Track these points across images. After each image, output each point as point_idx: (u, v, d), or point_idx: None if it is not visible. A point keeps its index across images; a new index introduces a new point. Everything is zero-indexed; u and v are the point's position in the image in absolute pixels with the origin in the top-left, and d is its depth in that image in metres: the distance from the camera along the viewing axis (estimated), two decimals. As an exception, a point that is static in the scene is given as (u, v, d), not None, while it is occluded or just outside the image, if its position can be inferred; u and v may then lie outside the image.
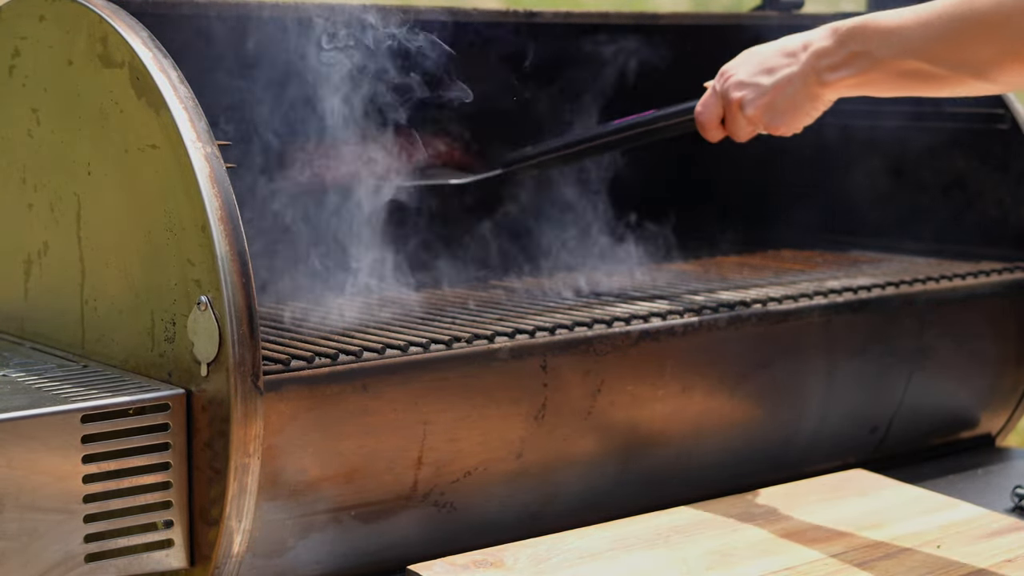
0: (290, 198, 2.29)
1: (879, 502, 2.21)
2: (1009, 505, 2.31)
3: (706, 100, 2.16)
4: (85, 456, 1.71)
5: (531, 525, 2.07)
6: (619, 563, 1.94)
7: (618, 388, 2.11)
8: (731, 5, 7.56)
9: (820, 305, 2.33)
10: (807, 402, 2.35)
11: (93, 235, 1.94)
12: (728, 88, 2.12)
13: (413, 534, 1.97)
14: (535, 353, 2.02)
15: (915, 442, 2.55)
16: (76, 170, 1.95)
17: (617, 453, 2.14)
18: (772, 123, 2.09)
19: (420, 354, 1.93)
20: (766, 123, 2.09)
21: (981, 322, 2.56)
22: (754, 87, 2.08)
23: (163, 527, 1.78)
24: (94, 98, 1.90)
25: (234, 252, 1.73)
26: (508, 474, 2.04)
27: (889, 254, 2.76)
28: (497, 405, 2.00)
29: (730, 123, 2.14)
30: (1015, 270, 2.60)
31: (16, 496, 1.67)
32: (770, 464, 2.34)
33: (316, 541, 1.89)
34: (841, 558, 1.98)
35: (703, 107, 2.16)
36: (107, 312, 1.92)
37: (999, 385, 2.62)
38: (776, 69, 2.06)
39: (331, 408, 1.85)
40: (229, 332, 1.72)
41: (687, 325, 2.17)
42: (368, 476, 1.90)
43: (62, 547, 1.71)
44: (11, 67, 2.06)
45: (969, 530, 2.10)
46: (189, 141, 1.76)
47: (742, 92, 2.09)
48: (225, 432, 1.73)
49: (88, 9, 1.89)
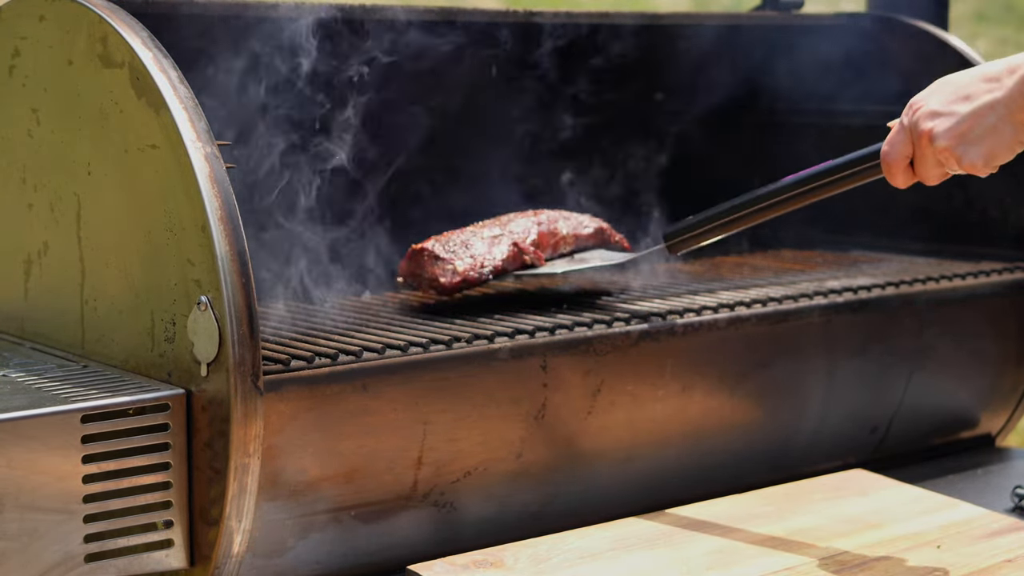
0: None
1: (879, 502, 2.21)
2: (1009, 505, 2.31)
3: (892, 138, 1.89)
4: (85, 456, 1.71)
5: (531, 525, 2.07)
6: (619, 563, 1.94)
7: (618, 388, 2.11)
8: (731, 5, 7.56)
9: (820, 305, 2.33)
10: (807, 402, 2.35)
11: (93, 235, 1.94)
12: (918, 120, 1.86)
13: (413, 534, 1.97)
14: (535, 353, 2.02)
15: (915, 442, 2.55)
16: (76, 170, 1.95)
17: (617, 453, 2.14)
18: (966, 157, 1.82)
19: (420, 354, 1.93)
20: (959, 156, 1.82)
21: (981, 322, 2.56)
22: (948, 116, 1.83)
23: (163, 527, 1.77)
24: (94, 98, 1.90)
25: (234, 252, 1.73)
26: (508, 474, 2.04)
27: (889, 254, 2.76)
28: (497, 405, 2.00)
29: (919, 162, 1.87)
30: (1015, 270, 2.60)
31: (16, 496, 1.67)
32: (770, 464, 2.34)
33: (316, 541, 1.89)
34: (841, 558, 1.98)
35: (889, 146, 1.89)
36: (107, 312, 1.92)
37: (999, 385, 2.62)
38: (975, 96, 1.82)
39: (331, 408, 1.85)
40: (229, 332, 1.72)
41: (687, 325, 2.17)
42: (368, 476, 1.90)
43: (62, 547, 1.71)
44: (11, 67, 2.06)
45: (969, 530, 2.10)
46: (189, 141, 1.76)
47: (933, 122, 1.84)
48: (225, 432, 1.73)
49: (88, 9, 1.89)
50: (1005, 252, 2.64)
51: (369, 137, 2.45)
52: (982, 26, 8.08)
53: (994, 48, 7.76)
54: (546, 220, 2.24)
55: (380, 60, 2.41)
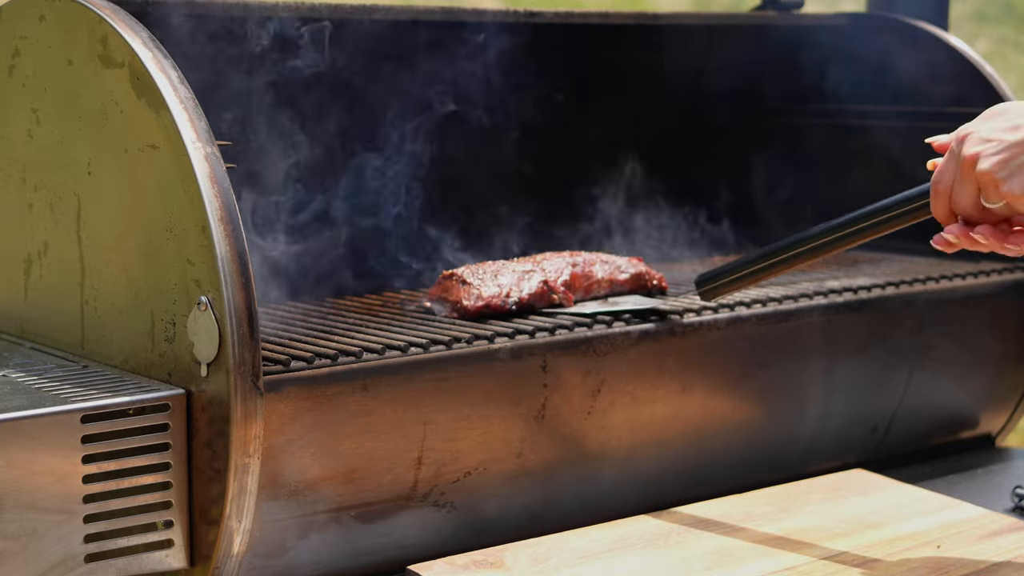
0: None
1: (879, 502, 2.21)
2: (1009, 505, 2.31)
3: (942, 166, 1.84)
4: (85, 456, 1.71)
5: (531, 525, 2.07)
6: (619, 563, 1.95)
7: (618, 388, 2.11)
8: (731, 5, 7.56)
9: (820, 305, 2.33)
10: (807, 402, 2.35)
11: (93, 235, 1.94)
12: (965, 143, 1.81)
13: (413, 534, 1.97)
14: (535, 353, 2.02)
15: (915, 442, 2.55)
16: (76, 170, 1.95)
17: (617, 453, 2.14)
18: (1006, 184, 1.76)
19: (420, 354, 1.93)
20: (999, 182, 1.76)
21: (981, 322, 2.57)
22: (995, 142, 1.78)
23: (163, 527, 1.77)
24: (94, 98, 1.90)
25: (234, 252, 1.73)
26: (508, 474, 2.04)
27: (889, 254, 2.76)
28: (497, 405, 2.00)
29: (957, 185, 1.81)
30: (1015, 270, 2.60)
31: (16, 496, 1.67)
32: (770, 464, 2.34)
33: (316, 541, 1.89)
34: (841, 558, 1.98)
35: (939, 174, 1.84)
36: (107, 312, 1.92)
37: (999, 385, 2.62)
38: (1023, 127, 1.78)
39: (331, 408, 1.85)
40: (229, 332, 1.72)
41: (687, 325, 2.17)
42: (368, 476, 1.90)
43: (62, 547, 1.71)
44: (11, 67, 2.06)
45: (969, 530, 2.10)
46: (189, 141, 1.76)
47: (979, 147, 1.79)
48: (225, 432, 1.73)
49: (88, 9, 1.89)
50: (1005, 252, 2.64)
51: (370, 136, 2.45)
52: (982, 26, 8.08)
53: (994, 48, 7.76)
54: (582, 262, 2.25)
55: (380, 60, 2.42)
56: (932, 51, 2.76)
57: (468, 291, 2.12)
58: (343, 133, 2.47)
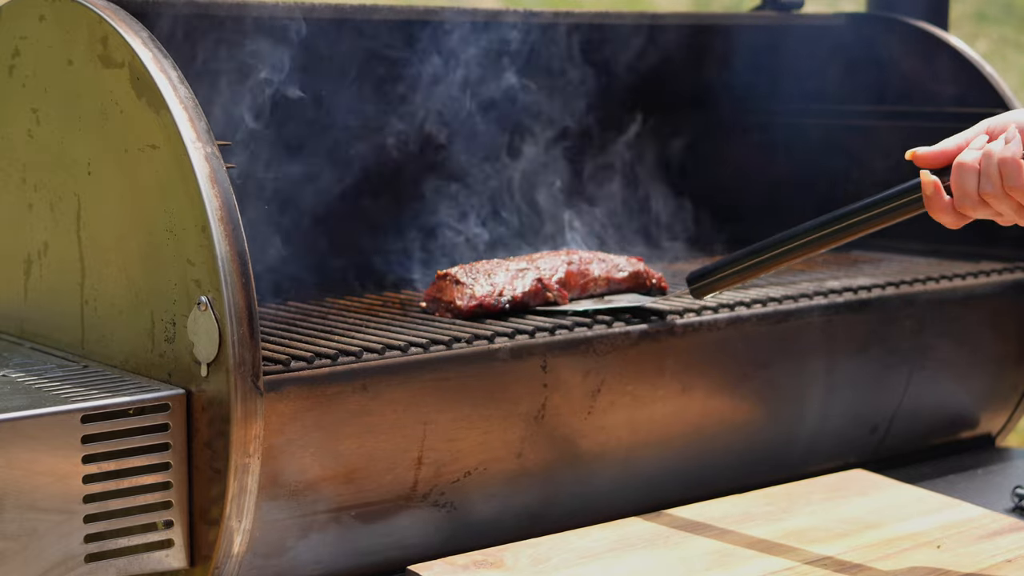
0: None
1: (879, 502, 2.21)
2: (1009, 505, 2.31)
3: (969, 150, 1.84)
4: (85, 456, 1.71)
5: (531, 525, 2.07)
6: (619, 563, 1.94)
7: (618, 388, 2.11)
8: (731, 5, 7.56)
9: (820, 305, 2.33)
10: (807, 402, 2.35)
11: (93, 235, 1.94)
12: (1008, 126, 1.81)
13: (413, 534, 1.97)
14: (535, 353, 2.02)
15: (915, 442, 2.55)
16: (76, 170, 1.95)
17: (617, 453, 2.14)
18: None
19: (420, 354, 1.93)
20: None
21: (981, 322, 2.56)
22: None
23: (163, 527, 1.78)
24: (94, 98, 1.90)
25: (234, 252, 1.73)
26: (508, 474, 2.04)
27: (889, 254, 2.76)
28: (497, 405, 2.00)
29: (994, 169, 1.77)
30: (1015, 270, 2.60)
31: (16, 496, 1.67)
32: (770, 464, 2.34)
33: (316, 541, 1.89)
34: (841, 558, 1.98)
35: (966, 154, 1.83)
36: (107, 312, 1.92)
37: (999, 385, 2.62)
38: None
39: (331, 408, 1.85)
40: (229, 332, 1.72)
41: (687, 325, 2.17)
42: (368, 476, 1.90)
43: (62, 547, 1.71)
44: (11, 67, 2.06)
45: (969, 530, 2.10)
46: (189, 141, 1.76)
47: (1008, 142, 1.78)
48: (225, 432, 1.73)
49: (88, 9, 1.89)
50: (1005, 252, 2.64)
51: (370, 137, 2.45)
52: (982, 26, 8.08)
53: (994, 48, 7.76)
54: (578, 260, 2.25)
55: (381, 60, 2.41)
56: (932, 51, 2.76)
57: (461, 291, 2.12)
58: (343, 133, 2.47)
